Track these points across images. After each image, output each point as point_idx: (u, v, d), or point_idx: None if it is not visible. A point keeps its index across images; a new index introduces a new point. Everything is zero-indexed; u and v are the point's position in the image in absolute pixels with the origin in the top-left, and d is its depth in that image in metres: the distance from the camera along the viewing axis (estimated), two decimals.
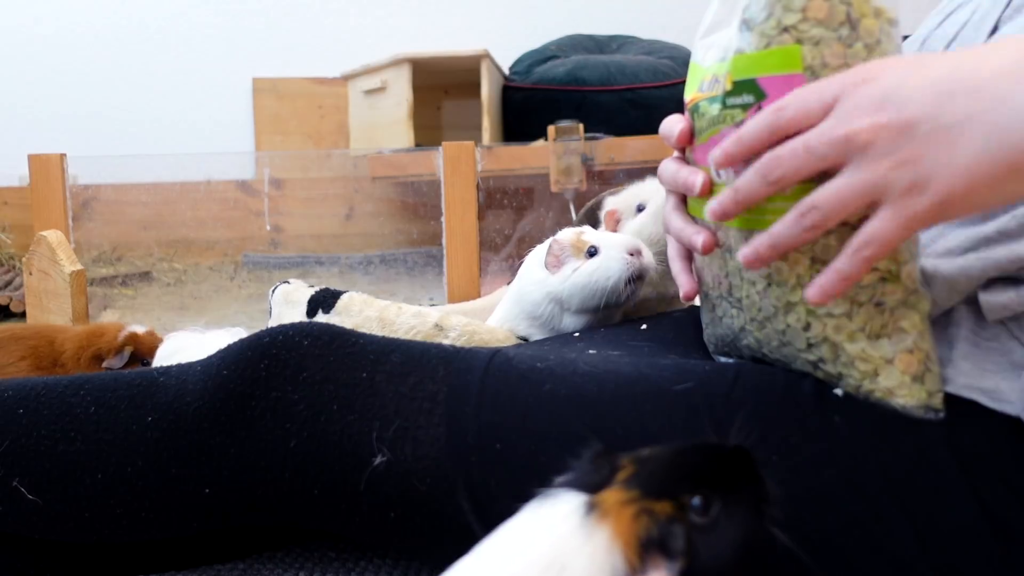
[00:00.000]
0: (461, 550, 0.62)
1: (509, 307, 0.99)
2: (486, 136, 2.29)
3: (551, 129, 2.08)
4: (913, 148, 0.44)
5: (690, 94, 0.59)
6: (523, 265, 0.99)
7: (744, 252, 0.51)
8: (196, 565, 0.74)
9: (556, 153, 2.03)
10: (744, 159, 0.51)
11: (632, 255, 0.87)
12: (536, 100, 2.40)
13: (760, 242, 0.50)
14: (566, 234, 0.93)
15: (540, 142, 2.14)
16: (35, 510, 0.65)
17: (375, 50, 2.53)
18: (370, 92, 2.40)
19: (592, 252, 0.89)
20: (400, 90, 2.28)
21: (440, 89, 2.67)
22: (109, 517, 0.65)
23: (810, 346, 0.54)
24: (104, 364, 1.10)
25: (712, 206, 0.52)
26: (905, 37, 0.70)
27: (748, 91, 0.52)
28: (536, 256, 0.96)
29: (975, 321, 0.54)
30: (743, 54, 0.53)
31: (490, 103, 2.31)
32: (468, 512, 0.58)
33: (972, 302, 0.55)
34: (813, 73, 0.51)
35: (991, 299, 0.52)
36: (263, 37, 2.91)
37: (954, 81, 0.44)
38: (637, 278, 0.87)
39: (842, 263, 0.48)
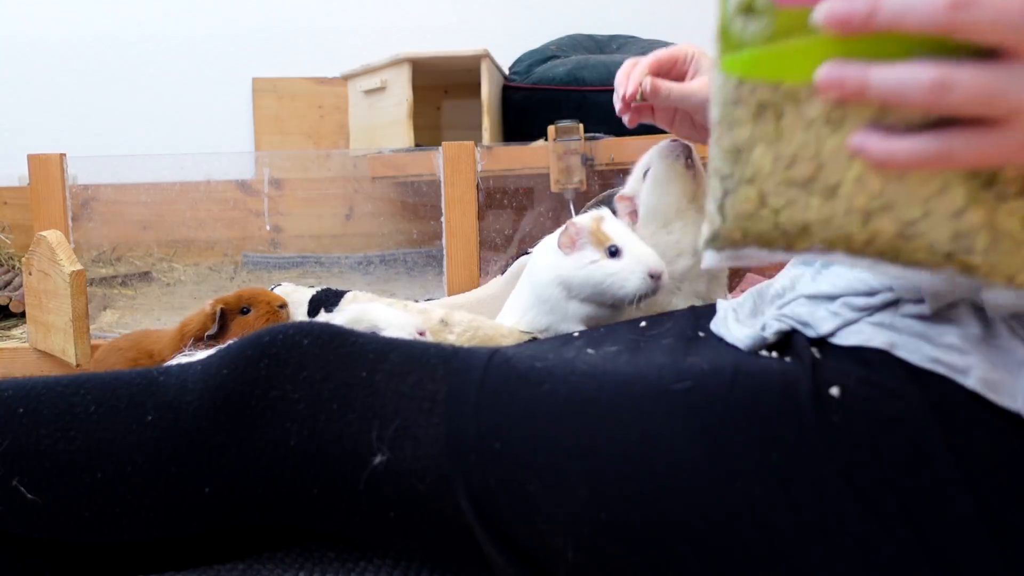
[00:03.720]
0: (461, 549, 0.62)
1: (519, 294, 0.99)
2: (486, 136, 2.29)
3: (551, 129, 2.08)
4: None
5: None
6: (535, 251, 0.99)
7: (825, 72, 0.41)
8: (196, 565, 0.74)
9: (556, 153, 2.03)
10: None
11: (652, 277, 0.88)
12: (536, 100, 2.41)
13: (853, 74, 0.40)
14: (585, 219, 0.93)
15: (540, 142, 2.15)
16: (35, 510, 0.65)
17: (375, 50, 2.53)
18: (370, 92, 2.40)
19: (613, 251, 0.89)
20: (400, 90, 2.29)
21: (440, 89, 2.67)
22: (109, 517, 0.65)
23: (957, 237, 0.45)
24: (206, 336, 1.06)
25: (830, 8, 0.40)
26: None
27: None
28: (550, 241, 0.96)
29: (980, 317, 0.54)
30: None
31: (490, 103, 2.32)
32: (467, 511, 0.58)
33: (977, 299, 0.54)
34: None
35: (993, 295, 0.52)
36: (263, 37, 2.92)
37: None
38: (651, 292, 0.89)
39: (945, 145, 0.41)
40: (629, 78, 0.92)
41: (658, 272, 0.88)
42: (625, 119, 0.94)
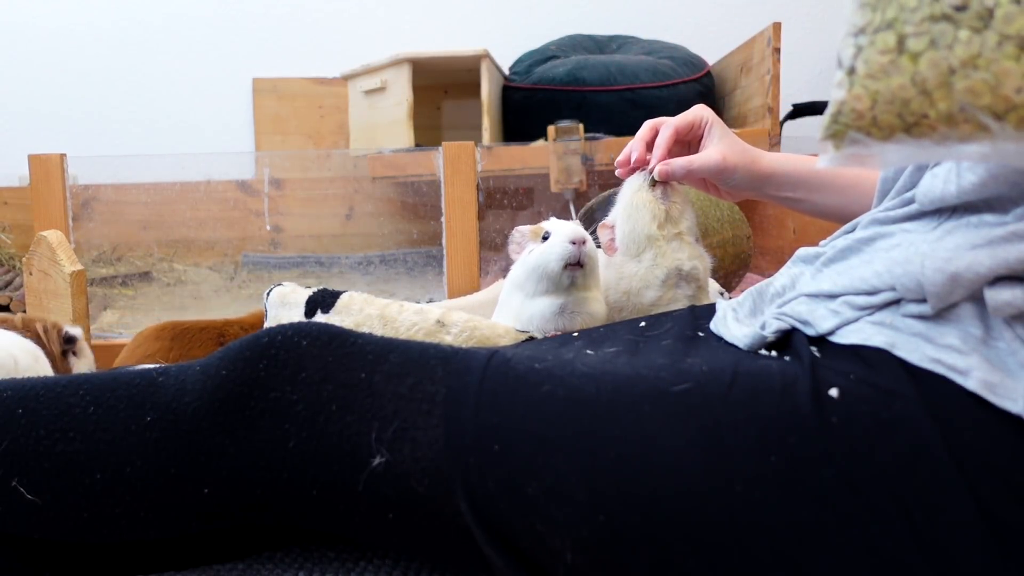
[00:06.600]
0: (460, 551, 0.62)
1: (498, 307, 1.03)
2: (486, 136, 2.29)
3: (551, 129, 2.08)
4: None
5: None
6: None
7: None
8: (196, 565, 0.74)
9: (556, 153, 2.03)
10: None
11: (574, 243, 0.92)
12: (536, 100, 2.41)
13: None
14: (528, 225, 1.00)
15: (540, 142, 2.15)
16: (34, 510, 0.65)
17: (375, 50, 2.53)
18: (370, 92, 2.40)
19: (546, 237, 0.96)
20: (400, 90, 2.29)
21: (440, 89, 2.67)
22: (108, 517, 0.65)
23: None
24: None
25: None
26: None
27: None
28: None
29: (981, 318, 0.54)
30: None
31: (490, 103, 2.32)
32: (466, 513, 0.58)
33: (979, 300, 0.54)
34: None
35: (995, 296, 0.52)
36: (263, 37, 2.92)
37: None
38: (576, 264, 0.92)
39: None
40: (636, 149, 0.96)
41: (580, 238, 0.92)
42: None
